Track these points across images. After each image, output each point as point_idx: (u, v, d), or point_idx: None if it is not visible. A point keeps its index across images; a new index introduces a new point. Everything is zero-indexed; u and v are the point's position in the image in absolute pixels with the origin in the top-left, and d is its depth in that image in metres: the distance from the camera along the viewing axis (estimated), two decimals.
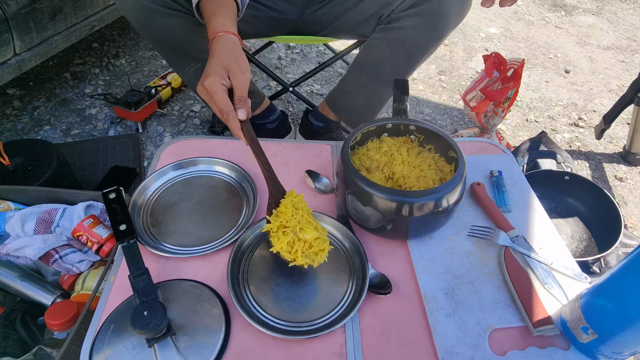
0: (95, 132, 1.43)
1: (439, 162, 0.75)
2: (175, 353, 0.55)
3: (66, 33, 1.31)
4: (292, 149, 0.89)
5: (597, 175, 1.46)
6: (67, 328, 0.69)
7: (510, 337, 0.60)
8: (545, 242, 0.72)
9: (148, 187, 0.79)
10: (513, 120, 1.68)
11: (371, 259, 0.70)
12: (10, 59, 1.16)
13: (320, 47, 1.98)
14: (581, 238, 1.11)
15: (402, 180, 0.73)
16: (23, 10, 1.13)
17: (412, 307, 0.64)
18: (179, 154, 0.85)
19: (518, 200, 0.79)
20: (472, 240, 0.72)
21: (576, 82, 1.93)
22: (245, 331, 0.60)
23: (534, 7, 2.55)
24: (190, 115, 1.53)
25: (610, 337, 0.52)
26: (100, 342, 0.57)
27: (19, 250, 0.79)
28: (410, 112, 1.67)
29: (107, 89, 1.62)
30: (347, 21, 1.07)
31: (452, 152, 0.73)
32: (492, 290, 0.65)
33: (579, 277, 0.67)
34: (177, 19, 0.90)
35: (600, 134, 1.50)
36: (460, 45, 2.13)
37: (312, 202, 0.78)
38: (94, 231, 0.81)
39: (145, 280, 0.59)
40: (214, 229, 0.73)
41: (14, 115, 1.46)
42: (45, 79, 1.63)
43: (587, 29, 2.35)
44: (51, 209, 0.85)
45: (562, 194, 1.17)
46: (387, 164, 0.75)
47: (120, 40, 1.88)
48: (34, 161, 1.03)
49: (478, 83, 1.38)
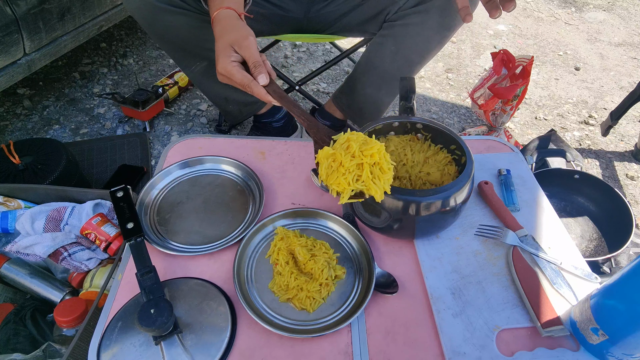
0: (104, 131, 1.45)
1: (444, 160, 0.74)
2: (182, 351, 0.55)
3: (75, 33, 1.32)
4: (298, 148, 0.89)
5: (607, 174, 1.44)
6: (75, 325, 0.69)
7: (518, 338, 0.59)
8: (555, 242, 0.71)
9: (155, 185, 0.79)
10: (522, 119, 1.66)
11: (377, 258, 0.69)
12: (20, 58, 1.18)
13: (326, 46, 1.97)
14: (591, 238, 1.09)
15: (407, 181, 0.72)
16: (32, 11, 1.14)
17: (419, 306, 0.63)
18: (186, 152, 0.85)
19: (526, 199, 0.78)
20: (479, 240, 0.72)
21: (586, 79, 1.90)
22: (251, 329, 0.60)
23: (543, 3, 2.52)
24: (197, 114, 1.54)
25: (621, 338, 0.52)
26: (107, 339, 0.57)
27: (28, 247, 0.80)
28: (418, 110, 1.66)
29: (115, 88, 1.64)
30: (353, 19, 1.07)
31: (458, 150, 0.72)
32: (500, 290, 0.64)
33: (588, 277, 0.66)
34: (183, 16, 0.90)
35: (607, 131, 1.47)
36: (467, 43, 2.10)
37: (318, 201, 0.78)
38: (102, 229, 0.82)
39: (152, 278, 0.59)
40: (220, 228, 0.73)
41: (24, 115, 1.48)
42: (54, 78, 1.65)
43: (598, 26, 2.32)
44: (60, 207, 0.86)
45: (571, 192, 1.15)
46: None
47: (128, 40, 1.89)
48: (43, 160, 1.04)
49: (486, 80, 1.36)
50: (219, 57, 0.65)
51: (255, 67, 0.64)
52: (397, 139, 0.77)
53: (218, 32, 0.68)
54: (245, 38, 0.65)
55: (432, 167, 0.73)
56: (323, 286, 0.64)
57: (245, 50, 0.65)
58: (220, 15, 0.70)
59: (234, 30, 0.67)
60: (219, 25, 0.69)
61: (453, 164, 0.74)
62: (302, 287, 0.63)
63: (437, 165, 0.73)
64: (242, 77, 0.64)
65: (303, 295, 0.62)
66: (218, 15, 0.70)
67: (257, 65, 0.64)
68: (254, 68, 0.64)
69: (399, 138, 0.77)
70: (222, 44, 0.66)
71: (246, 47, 0.64)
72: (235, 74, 0.64)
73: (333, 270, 0.66)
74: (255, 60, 0.64)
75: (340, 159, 0.57)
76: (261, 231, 0.71)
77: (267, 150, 0.88)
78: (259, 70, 0.64)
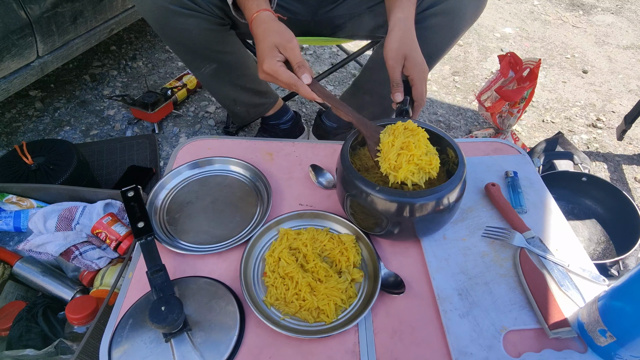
0: (113, 132, 1.47)
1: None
2: (191, 348, 0.56)
3: (86, 36, 1.35)
4: (306, 149, 0.90)
5: (615, 177, 1.43)
6: (86, 322, 0.70)
7: (525, 339, 0.59)
8: (562, 244, 0.71)
9: (165, 185, 0.81)
10: (529, 121, 1.65)
11: (384, 258, 0.70)
12: (33, 61, 1.20)
13: (333, 49, 1.98)
14: (599, 241, 1.08)
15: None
16: (46, 15, 1.16)
17: (426, 307, 0.63)
18: (195, 153, 0.87)
19: (534, 201, 0.79)
20: (486, 241, 0.72)
21: (594, 82, 1.89)
22: (259, 328, 0.60)
23: (550, 6, 2.51)
24: (205, 116, 1.55)
25: (629, 340, 0.52)
26: (118, 337, 0.58)
27: (41, 246, 0.81)
28: (424, 113, 1.66)
29: (124, 90, 1.66)
30: (362, 24, 1.07)
31: (452, 151, 0.71)
32: (507, 292, 0.64)
33: (596, 279, 0.65)
34: (195, 19, 0.92)
35: (622, 135, 1.47)
36: (474, 46, 2.10)
37: (325, 202, 0.79)
38: (113, 229, 0.83)
39: (163, 277, 0.60)
40: (229, 227, 0.74)
41: (36, 116, 1.51)
42: (65, 81, 1.68)
43: (606, 28, 2.30)
44: (72, 207, 0.88)
45: (579, 195, 1.14)
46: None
47: (138, 43, 1.92)
48: (55, 160, 1.06)
49: (493, 83, 1.36)
50: (265, 57, 0.69)
51: (299, 67, 0.68)
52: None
53: (261, 34, 0.72)
54: (290, 41, 0.69)
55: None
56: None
57: (290, 52, 0.69)
58: (261, 17, 0.73)
59: (277, 32, 0.71)
60: (261, 27, 0.72)
61: (444, 175, 0.73)
62: (305, 297, 0.61)
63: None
64: (289, 76, 0.68)
65: (310, 306, 0.61)
66: (258, 18, 0.73)
67: (301, 66, 0.68)
68: (297, 68, 0.68)
69: None
70: (267, 44, 0.70)
71: (291, 49, 0.68)
72: (282, 73, 0.68)
73: (349, 274, 0.66)
74: (299, 61, 0.68)
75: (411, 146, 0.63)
76: (269, 232, 0.72)
77: (275, 152, 0.89)
78: (302, 70, 0.68)
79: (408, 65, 0.75)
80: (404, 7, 0.79)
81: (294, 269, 0.64)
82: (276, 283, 0.64)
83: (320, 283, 0.63)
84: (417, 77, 0.75)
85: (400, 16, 0.78)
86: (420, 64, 0.76)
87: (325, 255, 0.68)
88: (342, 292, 0.63)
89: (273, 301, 0.63)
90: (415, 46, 0.77)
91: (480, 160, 0.87)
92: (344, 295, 0.63)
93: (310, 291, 0.62)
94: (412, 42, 0.77)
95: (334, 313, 0.61)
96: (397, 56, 0.75)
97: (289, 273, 0.64)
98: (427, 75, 0.78)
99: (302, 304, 0.62)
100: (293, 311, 0.62)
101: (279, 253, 0.67)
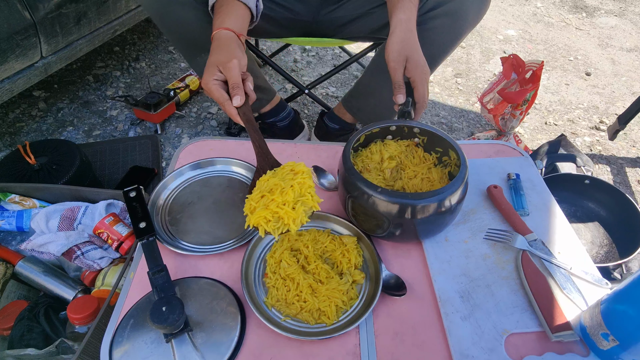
0: (116, 133, 1.47)
1: (437, 175, 0.73)
2: (192, 349, 0.56)
3: (90, 37, 1.35)
4: (307, 150, 0.90)
5: (619, 179, 1.42)
6: (88, 322, 0.70)
7: (527, 342, 0.59)
8: (565, 247, 0.71)
9: (167, 186, 0.81)
10: (531, 124, 1.65)
11: (386, 260, 0.70)
12: (37, 61, 1.20)
13: (335, 50, 1.99)
14: (602, 243, 1.08)
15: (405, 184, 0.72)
16: (50, 15, 1.17)
17: (427, 309, 0.63)
18: (197, 154, 0.87)
19: (536, 204, 0.78)
20: (488, 244, 0.72)
21: (597, 84, 1.88)
22: (260, 329, 0.60)
23: (553, 8, 2.51)
24: (207, 117, 1.56)
25: (632, 343, 0.51)
26: (119, 337, 0.58)
27: (43, 246, 0.81)
28: (427, 115, 1.66)
29: (127, 91, 1.67)
30: (364, 25, 1.07)
31: (454, 153, 0.71)
32: (509, 294, 0.64)
33: (599, 282, 0.65)
34: (194, 10, 0.93)
35: (614, 135, 1.46)
36: (477, 48, 2.10)
37: (326, 203, 0.78)
38: (114, 229, 0.83)
39: (164, 277, 0.60)
40: (230, 228, 0.74)
41: (39, 117, 1.51)
42: (69, 81, 1.68)
43: (609, 31, 2.30)
44: (74, 207, 0.88)
45: (582, 198, 1.14)
46: (392, 173, 0.74)
47: (141, 43, 1.92)
48: (57, 160, 1.07)
49: (495, 85, 1.36)
50: (205, 74, 0.72)
51: (233, 89, 0.69)
52: (394, 144, 0.76)
53: (211, 51, 0.75)
54: (230, 61, 0.70)
55: (425, 185, 0.72)
56: (348, 289, 0.63)
57: (227, 71, 0.70)
58: (217, 35, 0.76)
59: (223, 51, 0.73)
60: (213, 44, 0.76)
61: (446, 177, 0.73)
62: (306, 299, 0.61)
63: (432, 184, 0.73)
64: (219, 95, 0.70)
65: (312, 307, 0.61)
66: (216, 35, 0.76)
67: (235, 87, 0.69)
68: (231, 89, 0.70)
69: (397, 143, 0.77)
70: (210, 62, 0.72)
71: (229, 69, 0.70)
72: (214, 91, 0.70)
73: (351, 276, 0.65)
74: (234, 82, 0.69)
75: (277, 191, 0.58)
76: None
77: (277, 153, 0.87)
78: (235, 92, 0.69)
79: (409, 67, 0.75)
80: (406, 8, 0.80)
81: (295, 270, 0.64)
82: (277, 284, 0.63)
83: (322, 284, 0.63)
84: (419, 79, 0.75)
85: (402, 17, 0.79)
86: (422, 65, 0.76)
87: (326, 256, 0.68)
88: (344, 294, 0.63)
89: (274, 302, 0.63)
90: (416, 48, 0.77)
91: (482, 162, 0.86)
92: (345, 297, 0.63)
93: (311, 292, 0.62)
94: (414, 43, 0.77)
95: (335, 314, 0.61)
96: (399, 58, 0.75)
97: (290, 274, 0.64)
98: (429, 77, 0.78)
99: (303, 306, 0.61)
100: (294, 312, 0.62)
101: (280, 254, 0.67)
